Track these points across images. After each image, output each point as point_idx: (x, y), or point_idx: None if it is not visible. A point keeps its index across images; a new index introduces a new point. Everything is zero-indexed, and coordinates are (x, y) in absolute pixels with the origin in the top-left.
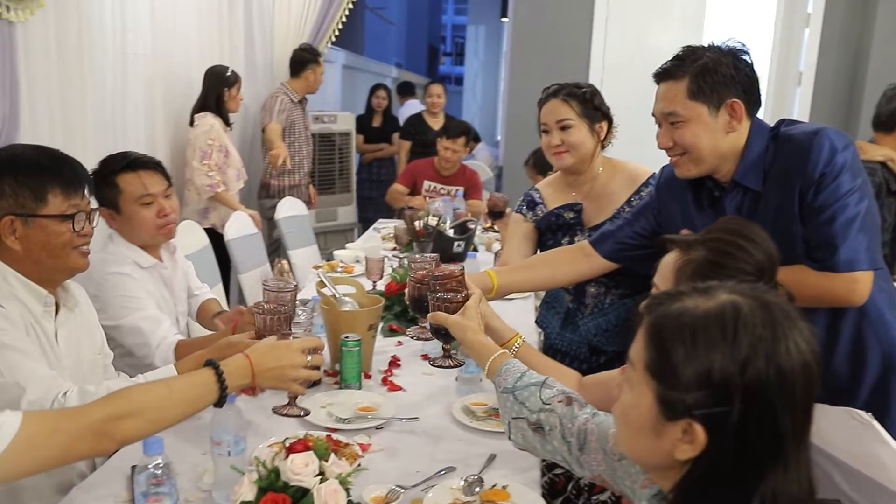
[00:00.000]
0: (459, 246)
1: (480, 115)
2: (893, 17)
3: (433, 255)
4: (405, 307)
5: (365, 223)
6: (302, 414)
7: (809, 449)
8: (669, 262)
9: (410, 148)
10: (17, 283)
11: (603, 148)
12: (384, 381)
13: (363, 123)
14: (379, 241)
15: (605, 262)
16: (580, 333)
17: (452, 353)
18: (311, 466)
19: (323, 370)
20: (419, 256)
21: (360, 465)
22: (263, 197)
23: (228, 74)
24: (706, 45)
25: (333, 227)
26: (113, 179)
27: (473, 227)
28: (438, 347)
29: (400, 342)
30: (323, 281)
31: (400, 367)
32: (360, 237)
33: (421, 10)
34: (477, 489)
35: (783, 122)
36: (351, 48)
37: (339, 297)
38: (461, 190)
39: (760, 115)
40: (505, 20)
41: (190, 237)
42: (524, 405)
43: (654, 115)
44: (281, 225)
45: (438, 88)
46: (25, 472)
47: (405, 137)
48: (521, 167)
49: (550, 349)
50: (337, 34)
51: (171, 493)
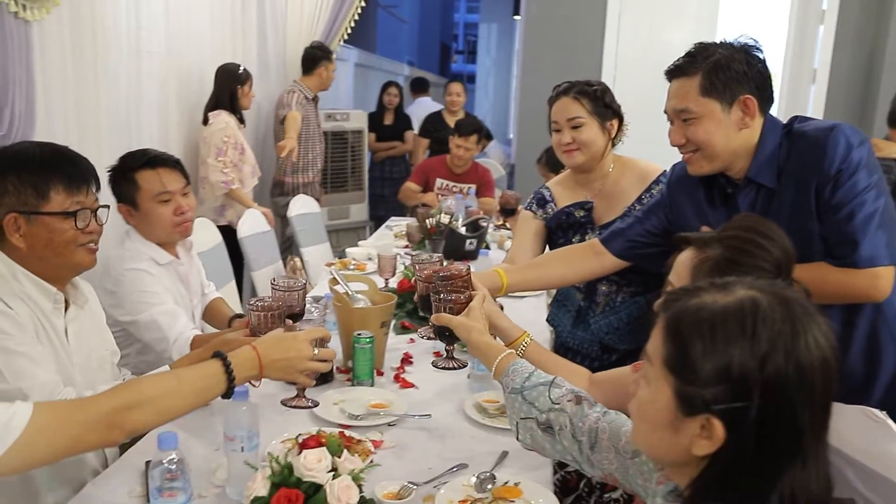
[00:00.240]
0: (471, 243)
1: (492, 112)
2: None
3: (438, 255)
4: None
5: (377, 221)
6: (310, 405)
7: (828, 446)
8: (685, 259)
9: (429, 146)
10: (26, 280)
11: (613, 146)
12: (396, 378)
13: (375, 121)
14: (391, 238)
15: (615, 260)
16: (592, 332)
17: (455, 354)
18: (323, 462)
19: (335, 367)
20: (425, 256)
21: (372, 461)
22: (277, 195)
23: (241, 72)
24: (718, 41)
25: (345, 224)
26: (132, 176)
27: (485, 224)
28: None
29: (412, 339)
30: (336, 278)
31: (412, 364)
32: (372, 235)
33: (433, 8)
34: (489, 486)
35: (796, 118)
36: (363, 46)
37: (351, 294)
38: (473, 188)
39: (774, 112)
40: (517, 18)
41: (203, 234)
42: (533, 405)
43: (666, 112)
44: (293, 222)
45: (458, 87)
46: (37, 462)
47: (424, 135)
48: (533, 165)
49: (562, 347)
50: (349, 32)
51: (185, 487)
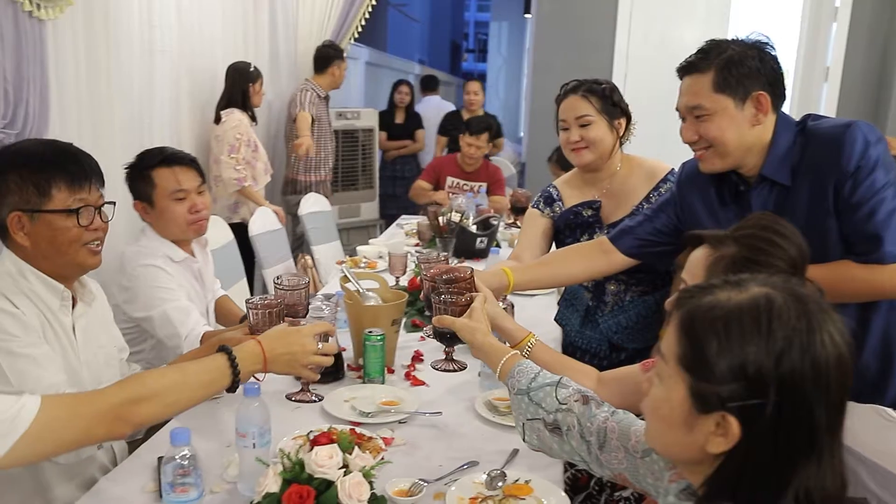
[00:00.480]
0: (482, 242)
1: (503, 111)
2: None
3: (444, 254)
4: None
5: (388, 220)
6: (315, 399)
7: (842, 443)
8: (700, 257)
9: (447, 144)
10: (33, 278)
11: (621, 145)
12: (407, 375)
13: (385, 120)
14: (402, 236)
15: (624, 258)
16: (600, 331)
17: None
18: (335, 459)
19: (346, 364)
20: (431, 255)
21: (383, 458)
22: (289, 193)
23: (252, 70)
24: (731, 38)
25: (356, 223)
26: (148, 174)
27: (496, 223)
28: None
29: (423, 337)
30: (347, 276)
31: (423, 361)
32: (382, 233)
33: (444, 6)
34: (500, 483)
35: (809, 116)
36: (374, 45)
37: (362, 291)
38: (484, 186)
39: (786, 110)
40: (528, 16)
41: (215, 232)
42: (540, 406)
43: (678, 109)
44: (304, 220)
45: (475, 86)
46: (45, 454)
47: (442, 133)
48: (544, 163)
49: (570, 346)
50: (360, 31)
51: (196, 483)
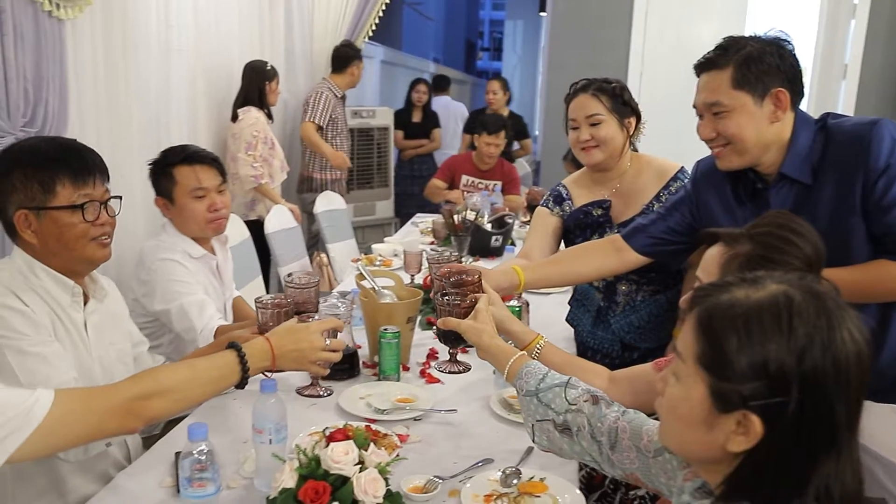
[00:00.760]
0: (497, 240)
1: (518, 110)
2: None
3: (454, 254)
4: None
5: (403, 218)
6: (324, 394)
7: (858, 441)
8: (714, 255)
9: (472, 142)
10: (44, 275)
11: (631, 144)
12: (422, 373)
13: (402, 118)
14: (417, 234)
15: (636, 256)
16: (612, 331)
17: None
18: (350, 455)
19: (362, 362)
20: (442, 256)
21: (398, 455)
22: (305, 191)
23: (268, 69)
24: (749, 35)
25: (371, 221)
26: (170, 171)
27: (511, 221)
28: None
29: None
30: (363, 273)
31: (438, 359)
32: (397, 232)
33: (459, 5)
34: (515, 481)
35: (828, 115)
36: (389, 44)
37: (378, 289)
38: (499, 184)
39: (803, 108)
40: (543, 14)
41: (231, 230)
42: (549, 407)
43: (695, 106)
44: (320, 219)
45: (494, 85)
46: (58, 448)
47: (467, 131)
48: (558, 162)
49: (582, 347)
50: (374, 29)
51: (214, 478)
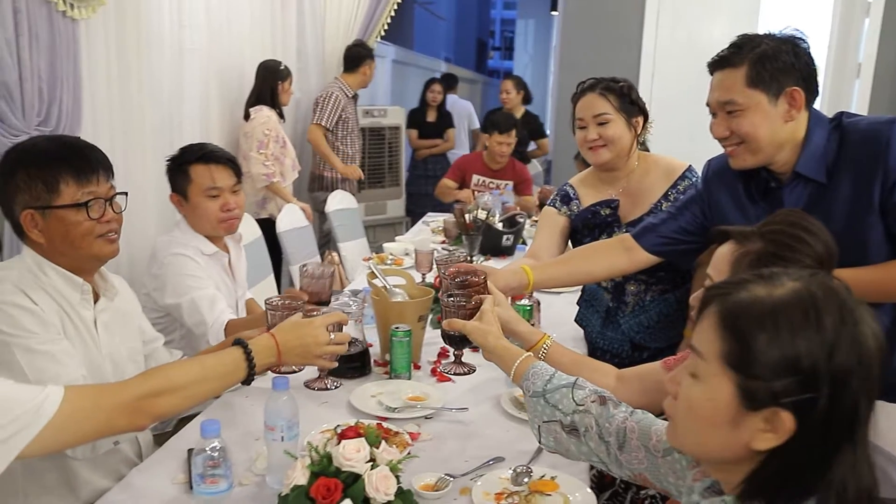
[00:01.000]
0: (508, 239)
1: (529, 109)
2: None
3: (463, 253)
4: None
5: (417, 218)
6: (332, 387)
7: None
8: (725, 253)
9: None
10: (53, 273)
11: (638, 143)
12: (433, 371)
13: (417, 118)
14: (429, 233)
15: (646, 255)
16: (622, 332)
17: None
18: (362, 453)
19: (373, 360)
20: (452, 257)
21: (409, 453)
22: (316, 189)
23: (282, 68)
24: (763, 33)
25: (382, 220)
26: (186, 168)
27: (522, 220)
28: None
29: None
30: (374, 272)
31: (449, 357)
32: (408, 231)
33: (470, 4)
34: (525, 479)
35: (843, 114)
36: (401, 43)
37: (389, 288)
38: (510, 184)
39: (817, 107)
40: (555, 14)
41: (243, 228)
42: (557, 408)
43: (708, 104)
44: (331, 218)
45: (507, 84)
46: (67, 444)
47: (485, 130)
48: (570, 161)
49: (591, 347)
50: (386, 29)
51: (226, 475)
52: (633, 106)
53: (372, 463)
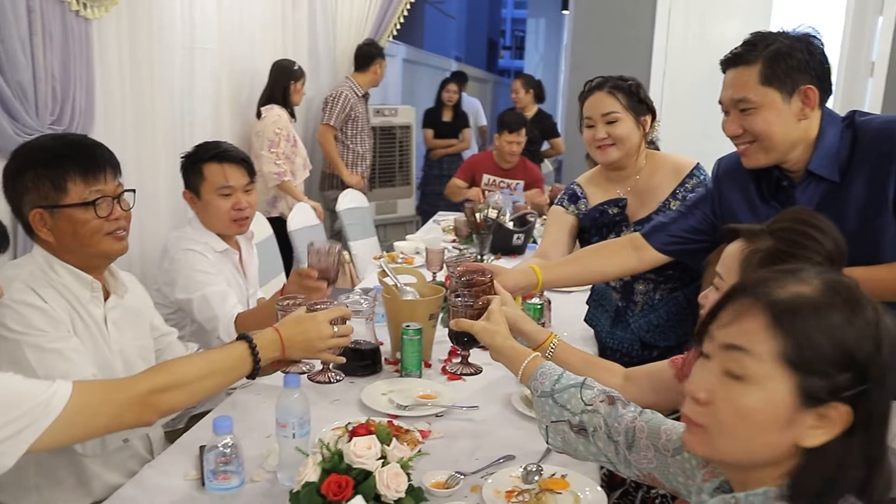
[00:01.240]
0: (519, 238)
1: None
2: None
3: (471, 252)
4: None
5: (426, 217)
6: (334, 381)
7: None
8: (734, 251)
9: None
10: (63, 271)
11: (646, 142)
12: (444, 370)
13: (433, 117)
14: (439, 232)
15: (656, 255)
16: (632, 331)
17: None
18: (373, 450)
19: (384, 358)
20: (461, 258)
21: (420, 450)
22: (327, 188)
23: (295, 69)
24: (777, 31)
25: (393, 219)
26: (199, 166)
27: (533, 219)
28: None
29: None
30: (385, 270)
31: (459, 356)
32: (419, 230)
33: (481, 3)
34: (536, 478)
35: (855, 112)
36: (411, 42)
37: (400, 286)
38: (521, 183)
39: (829, 106)
40: (566, 13)
41: (254, 227)
42: (565, 408)
43: (721, 102)
44: (342, 216)
45: (515, 84)
46: (75, 439)
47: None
48: (581, 160)
49: (601, 346)
50: (397, 28)
51: (238, 471)
52: (641, 104)
53: (383, 460)
